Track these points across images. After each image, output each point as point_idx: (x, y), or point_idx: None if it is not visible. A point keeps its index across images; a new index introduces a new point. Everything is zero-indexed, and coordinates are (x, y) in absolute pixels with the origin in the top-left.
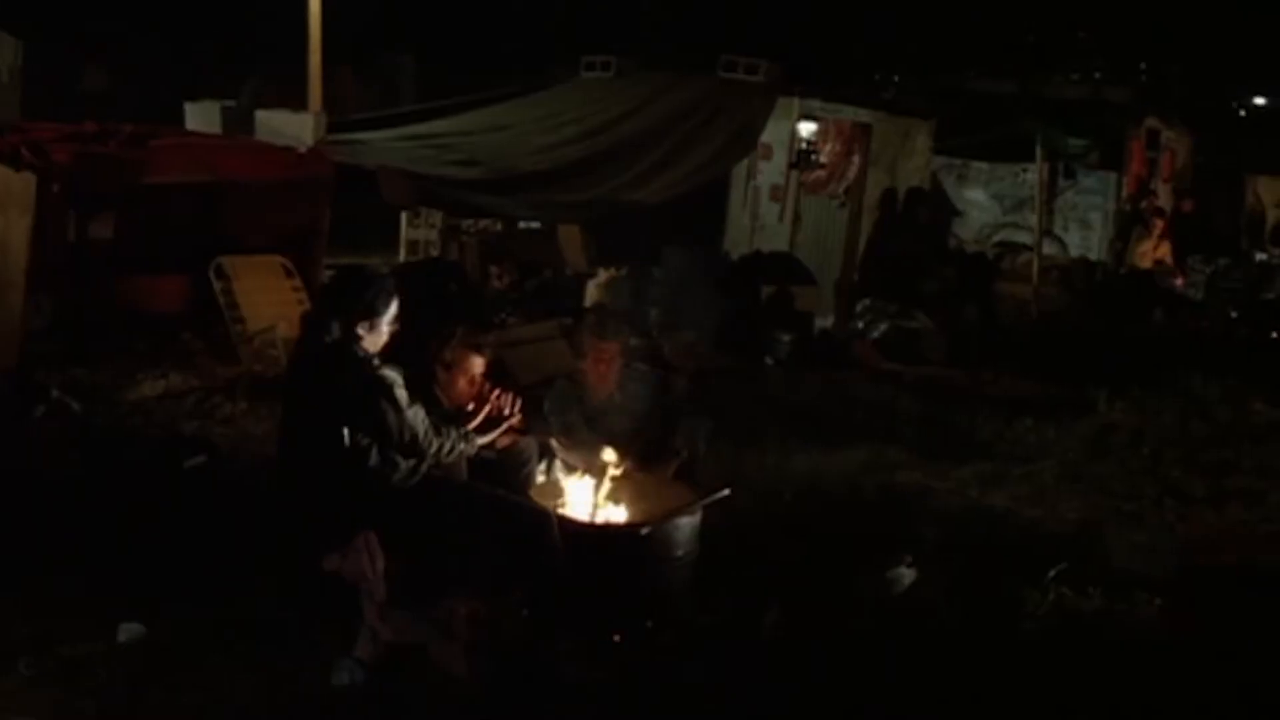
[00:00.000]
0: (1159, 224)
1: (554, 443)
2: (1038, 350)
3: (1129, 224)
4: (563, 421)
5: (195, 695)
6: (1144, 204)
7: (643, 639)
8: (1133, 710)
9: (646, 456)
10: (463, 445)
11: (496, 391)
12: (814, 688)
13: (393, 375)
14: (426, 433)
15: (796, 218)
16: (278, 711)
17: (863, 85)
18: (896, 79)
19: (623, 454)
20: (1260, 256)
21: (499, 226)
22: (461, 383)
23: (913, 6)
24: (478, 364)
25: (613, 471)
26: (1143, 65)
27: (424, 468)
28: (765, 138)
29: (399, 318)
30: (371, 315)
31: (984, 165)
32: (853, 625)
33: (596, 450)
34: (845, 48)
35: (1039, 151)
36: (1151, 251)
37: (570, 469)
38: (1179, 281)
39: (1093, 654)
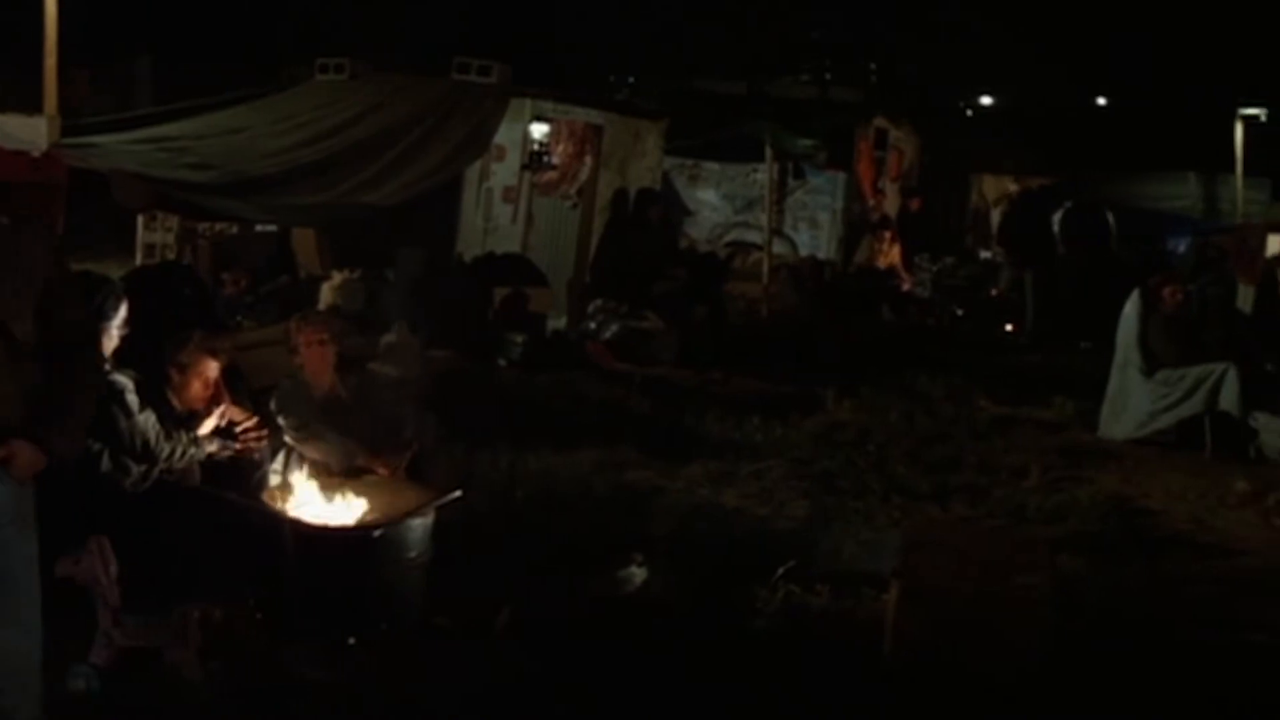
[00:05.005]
0: (889, 235)
1: (287, 439)
2: (767, 349)
3: (859, 232)
4: (293, 417)
5: None
6: (874, 216)
7: (377, 641)
8: (860, 704)
9: (378, 450)
10: (193, 450)
11: (244, 421)
12: (545, 688)
13: (123, 380)
14: (158, 438)
15: (529, 219)
16: None
17: (595, 87)
18: (631, 80)
19: (356, 447)
20: (985, 254)
21: (234, 229)
22: (196, 385)
23: (644, 8)
24: (212, 366)
25: (346, 467)
26: (872, 66)
27: (156, 473)
28: (498, 139)
29: (130, 322)
30: (100, 320)
31: (715, 165)
32: (584, 624)
33: (330, 442)
34: (577, 50)
35: (768, 152)
36: (885, 257)
37: (307, 464)
38: (905, 286)
39: (820, 650)
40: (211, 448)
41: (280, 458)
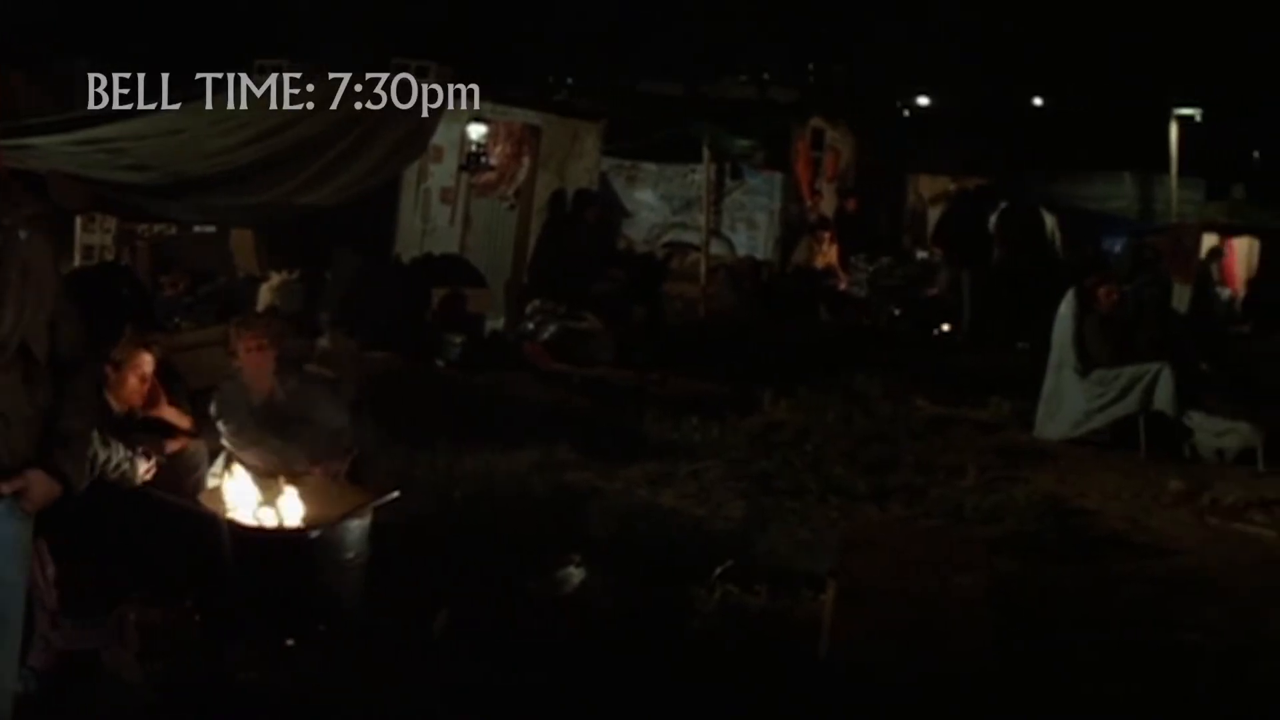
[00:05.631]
0: (827, 235)
1: (226, 443)
2: (705, 350)
3: (798, 233)
4: (232, 422)
5: None
6: (812, 217)
7: (315, 642)
8: (797, 703)
9: (317, 455)
10: (126, 467)
11: (178, 422)
12: (484, 689)
13: None
14: (94, 443)
15: (467, 220)
16: None
17: (533, 87)
18: (569, 81)
19: (295, 453)
20: (921, 255)
21: (173, 231)
22: (132, 380)
23: (583, 9)
24: (147, 360)
25: (285, 471)
26: (810, 66)
27: (93, 475)
28: (436, 140)
29: None
30: None
31: (653, 166)
32: (522, 625)
33: (269, 447)
34: (515, 50)
35: (706, 152)
36: (823, 258)
37: (245, 469)
38: (841, 285)
39: (758, 649)
40: (143, 471)
41: (219, 461)
